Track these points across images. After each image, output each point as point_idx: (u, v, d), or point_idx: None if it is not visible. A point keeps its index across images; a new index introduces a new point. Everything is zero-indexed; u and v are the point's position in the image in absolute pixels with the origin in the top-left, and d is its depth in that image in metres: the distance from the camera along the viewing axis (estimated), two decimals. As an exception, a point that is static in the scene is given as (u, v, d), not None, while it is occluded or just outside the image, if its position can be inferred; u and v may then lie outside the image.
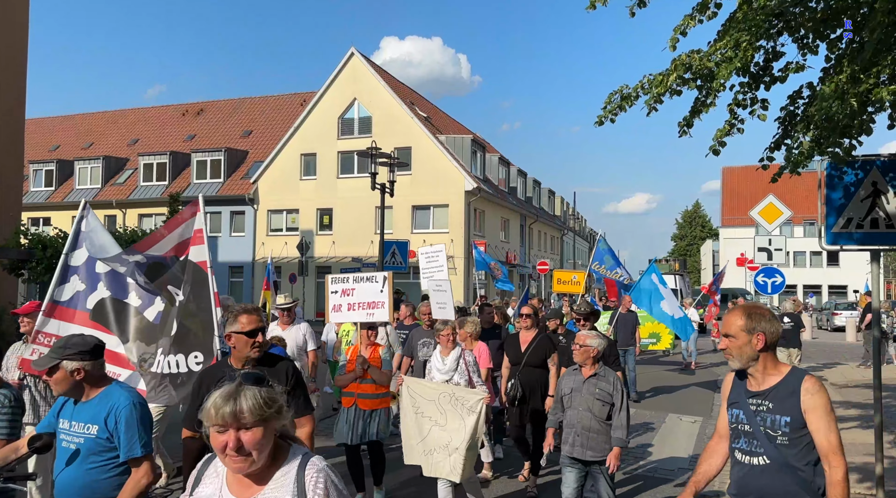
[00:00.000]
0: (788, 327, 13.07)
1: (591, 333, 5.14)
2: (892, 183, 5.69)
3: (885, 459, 6.13)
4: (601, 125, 5.39)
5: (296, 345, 7.51)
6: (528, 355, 6.67)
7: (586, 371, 5.01)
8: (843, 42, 5.03)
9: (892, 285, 52.68)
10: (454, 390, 5.48)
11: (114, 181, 37.34)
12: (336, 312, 6.38)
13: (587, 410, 4.88)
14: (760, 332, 2.87)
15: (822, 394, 2.83)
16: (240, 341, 3.50)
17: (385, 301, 6.14)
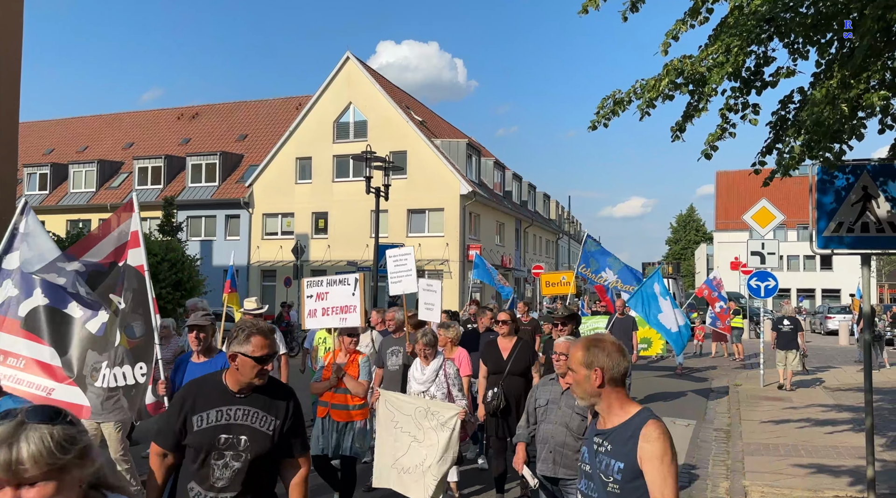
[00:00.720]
0: (787, 330, 13.58)
1: (567, 341, 4.72)
2: (882, 187, 5.74)
3: (877, 463, 6.16)
4: (594, 130, 5.42)
5: None
6: (511, 363, 6.25)
7: (565, 381, 4.55)
8: (833, 47, 5.07)
9: (885, 289, 52.99)
10: (429, 404, 5.24)
11: (108, 185, 37.24)
12: (311, 318, 6.12)
13: (563, 426, 4.43)
14: (598, 367, 2.54)
15: (660, 442, 2.45)
16: (245, 365, 3.02)
17: (357, 305, 5.88)
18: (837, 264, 53.26)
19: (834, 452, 8.04)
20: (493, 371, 6.32)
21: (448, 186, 30.44)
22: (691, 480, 7.19)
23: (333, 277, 6.15)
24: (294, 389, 3.32)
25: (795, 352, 13.44)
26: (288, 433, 3.05)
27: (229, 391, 3.05)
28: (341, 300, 5.94)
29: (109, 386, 4.63)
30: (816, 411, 10.78)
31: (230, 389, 3.05)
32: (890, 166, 5.74)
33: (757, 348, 17.00)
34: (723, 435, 9.38)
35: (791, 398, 12.16)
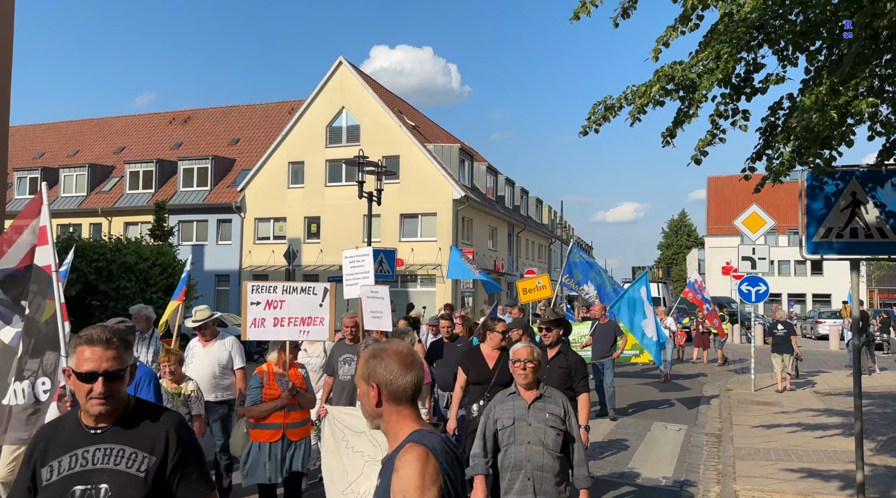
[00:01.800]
0: (781, 334, 13.94)
1: (529, 346, 4.12)
2: (871, 193, 5.78)
3: (866, 467, 6.19)
4: (585, 135, 5.45)
5: (218, 363, 6.39)
6: (498, 373, 5.49)
7: (529, 393, 3.98)
8: (822, 54, 5.12)
9: (875, 294, 53.35)
10: None
11: (99, 189, 37.06)
12: (256, 328, 5.34)
13: (539, 444, 3.83)
14: (374, 382, 2.09)
15: (408, 471, 1.89)
16: (76, 387, 2.28)
17: (325, 317, 5.39)
18: (828, 269, 53.56)
19: (824, 457, 8.08)
20: (475, 381, 5.63)
21: (441, 191, 30.46)
22: (683, 486, 7.20)
23: (292, 285, 5.53)
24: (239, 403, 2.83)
25: (790, 355, 13.82)
26: (174, 472, 2.32)
27: (83, 428, 2.32)
28: (304, 310, 5.38)
29: (11, 403, 4.11)
30: (807, 416, 10.82)
31: (84, 425, 2.32)
32: (878, 172, 5.78)
33: (748, 353, 17.05)
34: (714, 440, 9.40)
35: (782, 403, 12.21)
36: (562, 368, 5.45)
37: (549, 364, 5.40)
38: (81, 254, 15.65)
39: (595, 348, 11.25)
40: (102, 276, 15.98)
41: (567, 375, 5.41)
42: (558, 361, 5.53)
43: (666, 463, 8.16)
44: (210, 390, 6.24)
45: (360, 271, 6.94)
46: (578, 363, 5.50)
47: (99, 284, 15.28)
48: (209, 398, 6.15)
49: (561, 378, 5.35)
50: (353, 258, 7.18)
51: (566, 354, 5.57)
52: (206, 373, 6.28)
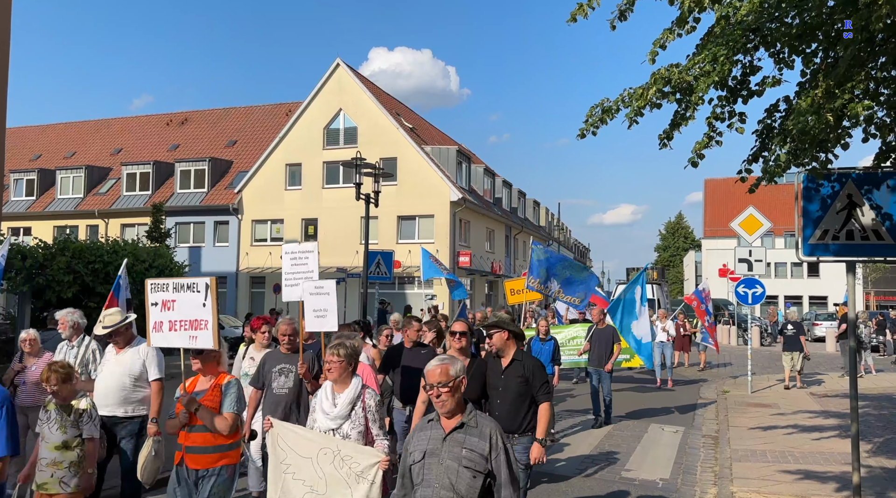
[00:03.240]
0: (791, 333, 14.77)
1: (443, 363, 3.25)
2: (866, 196, 5.80)
3: (862, 468, 6.21)
4: (583, 138, 5.45)
5: (129, 374, 5.58)
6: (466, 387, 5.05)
7: (450, 421, 3.17)
8: (818, 57, 5.14)
9: (871, 296, 53.49)
10: (340, 446, 3.94)
11: (96, 191, 37.00)
12: (157, 333, 4.74)
13: (448, 489, 3.01)
14: None
15: None
16: None
17: (208, 320, 4.54)
18: (824, 271, 53.68)
19: (821, 458, 8.09)
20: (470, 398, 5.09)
21: (438, 193, 30.47)
22: (679, 487, 7.21)
23: (181, 281, 4.82)
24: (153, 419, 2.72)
25: (799, 353, 14.50)
26: None
27: None
28: (190, 312, 4.62)
29: None
30: (803, 418, 10.84)
31: None
32: (874, 175, 5.80)
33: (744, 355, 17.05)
34: (711, 441, 9.42)
35: (778, 404, 12.23)
36: (519, 377, 4.93)
37: (504, 374, 4.95)
38: (78, 255, 15.62)
39: (593, 354, 10.91)
40: (99, 278, 15.95)
41: (525, 385, 4.91)
42: (514, 369, 4.98)
43: (663, 465, 8.17)
44: (119, 404, 5.51)
45: (302, 270, 6.03)
46: (536, 369, 4.98)
47: (96, 286, 15.26)
48: (117, 413, 5.49)
49: (519, 389, 4.90)
50: (294, 255, 6.14)
51: (522, 361, 5.01)
52: (114, 384, 5.54)
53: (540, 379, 4.94)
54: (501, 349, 5.04)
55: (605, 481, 7.33)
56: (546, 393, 4.94)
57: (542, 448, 4.82)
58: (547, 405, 4.90)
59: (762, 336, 28.42)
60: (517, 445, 4.84)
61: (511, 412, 4.91)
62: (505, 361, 5.04)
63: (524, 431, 4.92)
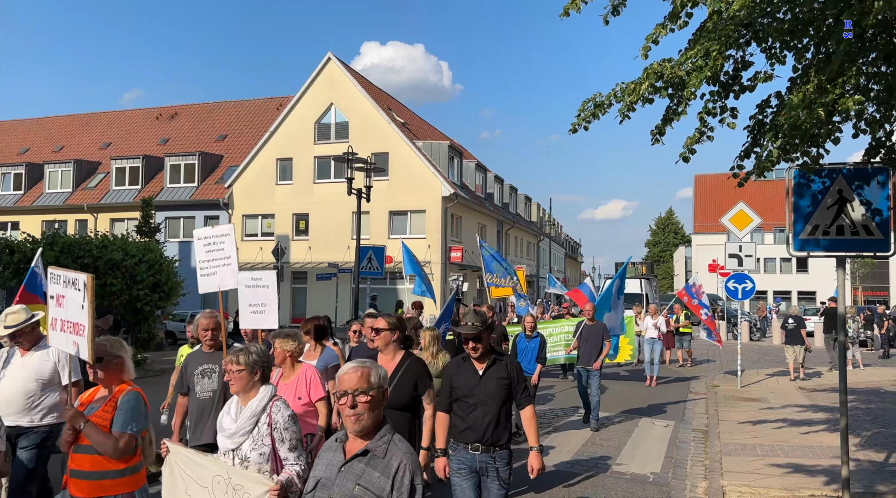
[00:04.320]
0: (792, 327, 15.31)
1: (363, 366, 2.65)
2: (857, 191, 5.84)
3: (851, 462, 6.26)
4: (575, 133, 5.45)
5: (36, 378, 4.97)
6: (391, 391, 4.13)
7: (355, 443, 2.61)
8: (810, 52, 5.15)
9: (860, 291, 53.96)
10: (231, 473, 3.35)
11: (85, 185, 36.71)
12: (54, 331, 4.05)
13: None
14: None
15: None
16: None
17: (85, 325, 3.75)
18: (813, 267, 54.11)
19: (810, 452, 8.15)
20: None
21: (430, 188, 30.44)
22: (670, 481, 7.25)
23: (70, 275, 3.98)
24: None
25: (801, 346, 15.09)
26: None
27: None
28: (74, 313, 3.86)
29: None
30: (793, 412, 10.92)
31: None
32: (864, 170, 5.84)
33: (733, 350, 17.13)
34: (701, 435, 9.47)
35: (768, 399, 12.32)
36: (501, 379, 4.35)
37: (483, 379, 4.35)
38: (67, 250, 15.50)
39: (583, 352, 10.31)
40: (88, 272, 15.88)
41: (507, 388, 4.35)
42: (495, 371, 4.39)
43: (653, 459, 8.21)
44: (23, 412, 4.91)
45: (219, 257, 5.20)
46: (517, 370, 4.47)
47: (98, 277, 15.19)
48: (21, 422, 4.89)
49: (500, 393, 4.34)
50: (208, 240, 5.26)
51: (503, 362, 4.43)
52: (18, 390, 4.92)
53: (521, 380, 4.48)
54: (483, 351, 4.39)
55: (595, 475, 7.36)
56: (527, 396, 4.44)
57: (541, 456, 4.33)
58: (531, 410, 4.43)
59: (751, 331, 28.61)
60: (500, 462, 4.27)
61: (494, 423, 4.27)
62: (482, 365, 4.38)
63: (506, 444, 4.32)
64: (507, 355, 4.62)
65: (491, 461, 4.26)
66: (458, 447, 4.33)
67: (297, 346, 4.93)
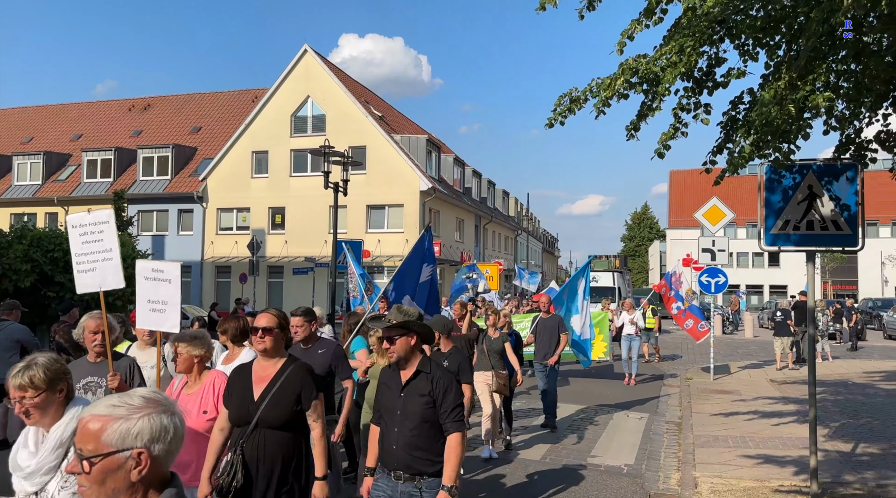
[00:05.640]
0: (780, 320, 15.92)
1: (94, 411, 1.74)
2: (826, 187, 5.94)
3: (819, 452, 6.38)
4: (551, 127, 5.46)
5: None
6: (266, 406, 3.64)
7: None
8: (781, 50, 5.23)
9: (829, 285, 55.05)
10: None
11: (55, 177, 35.98)
12: None
13: None
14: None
15: None
16: None
17: None
18: (784, 261, 55.06)
19: (780, 443, 8.31)
20: (235, 420, 3.70)
21: (408, 182, 30.36)
22: (644, 472, 7.34)
23: None
24: None
25: (789, 337, 15.85)
26: None
27: None
28: None
29: None
30: (764, 404, 11.12)
31: None
32: (833, 166, 5.94)
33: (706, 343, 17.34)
34: (674, 427, 9.60)
35: (740, 391, 12.52)
36: (422, 397, 3.58)
37: (404, 392, 3.62)
38: (37, 244, 15.19)
39: (538, 346, 9.55)
40: (59, 266, 15.54)
41: (431, 407, 3.56)
42: (417, 385, 3.61)
43: (628, 451, 8.30)
44: None
45: (97, 250, 4.45)
46: (448, 385, 3.62)
47: (55, 274, 14.87)
48: None
49: (422, 413, 3.55)
50: (83, 228, 4.47)
51: (430, 373, 3.64)
52: None
53: (453, 400, 3.59)
54: (405, 355, 3.67)
55: (570, 467, 7.42)
56: (456, 420, 3.56)
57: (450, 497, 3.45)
58: (458, 437, 3.53)
59: (724, 325, 29.03)
60: (428, 493, 3.52)
61: (414, 446, 3.54)
62: (406, 374, 3.66)
63: (436, 472, 3.53)
64: (439, 366, 3.80)
65: (416, 493, 3.51)
66: (382, 473, 3.66)
67: (206, 351, 4.18)
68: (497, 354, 7.95)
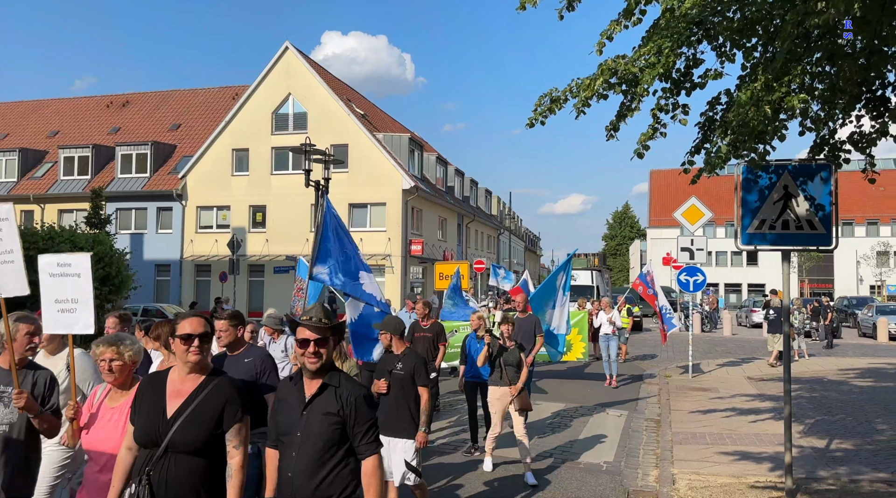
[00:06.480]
0: (773, 318, 16.17)
1: None
2: (801, 187, 6.03)
3: (794, 448, 6.49)
4: (532, 127, 5.49)
5: None
6: (180, 425, 3.01)
7: None
8: (758, 51, 5.30)
9: (806, 283, 55.90)
10: None
11: (31, 175, 35.41)
12: None
13: None
14: None
15: None
16: None
17: None
18: (762, 260, 55.85)
19: (756, 440, 8.42)
20: (141, 441, 3.07)
21: (390, 181, 30.30)
22: (623, 469, 7.40)
23: None
24: None
25: (781, 335, 15.80)
26: None
27: None
28: None
29: None
30: (741, 401, 11.27)
31: None
32: (808, 167, 6.04)
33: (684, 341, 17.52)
34: (653, 425, 9.69)
35: (717, 388, 12.67)
36: (329, 416, 3.02)
37: (307, 410, 3.05)
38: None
39: None
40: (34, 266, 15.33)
41: (339, 428, 3.02)
42: (323, 402, 3.06)
43: (607, 448, 8.37)
44: None
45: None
46: (360, 401, 3.08)
47: (30, 273, 14.66)
48: None
49: (328, 435, 3.01)
50: None
51: (338, 387, 3.09)
52: None
53: (366, 417, 3.07)
54: (321, 366, 3.09)
55: (550, 465, 7.46)
56: (372, 441, 3.06)
57: None
58: (375, 462, 3.04)
59: (703, 323, 29.34)
60: None
61: (314, 473, 2.99)
62: (311, 388, 3.10)
63: None
64: (348, 378, 3.19)
65: None
66: None
67: (132, 354, 3.58)
68: (514, 368, 7.14)
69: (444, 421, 9.76)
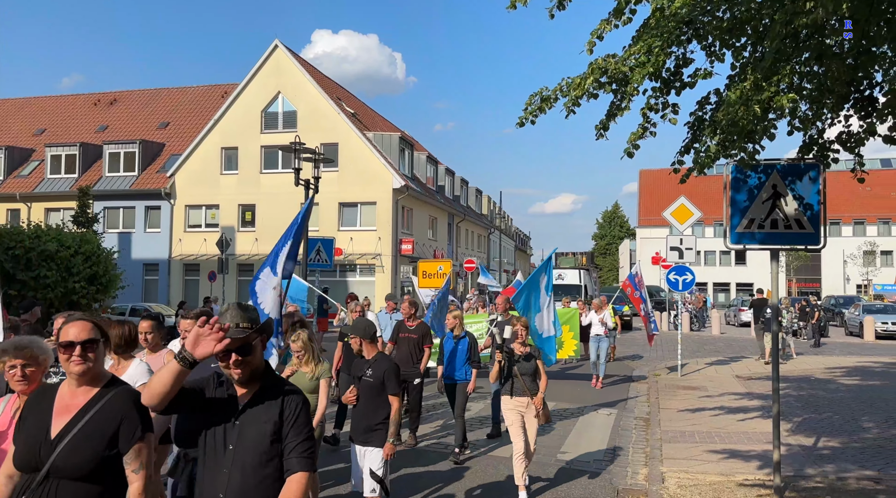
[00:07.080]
0: (768, 317, 15.47)
1: None
2: (790, 186, 6.06)
3: (783, 447, 6.52)
4: (522, 126, 5.48)
5: None
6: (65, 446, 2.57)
7: None
8: (747, 51, 5.32)
9: (794, 283, 56.32)
10: None
11: (17, 173, 35.07)
12: None
13: None
14: None
15: None
16: None
17: None
18: (750, 260, 56.22)
19: (745, 438, 8.47)
20: (20, 464, 2.62)
21: (380, 180, 30.24)
22: (612, 468, 7.41)
23: None
24: None
25: None
26: None
27: None
28: None
29: None
30: (729, 400, 11.32)
31: None
32: (797, 166, 6.07)
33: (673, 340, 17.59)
34: (642, 423, 9.72)
35: (706, 387, 12.73)
36: (266, 425, 2.61)
37: (239, 420, 2.63)
38: (-4, 241, 14.81)
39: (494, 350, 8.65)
40: (20, 264, 15.17)
41: (274, 439, 2.59)
42: (260, 410, 2.64)
43: (596, 446, 8.38)
44: None
45: None
46: (300, 408, 2.67)
47: (16, 272, 14.52)
48: None
49: (262, 447, 2.59)
50: None
51: (275, 396, 2.67)
52: None
53: (303, 427, 2.65)
54: (249, 376, 2.65)
55: (540, 463, 7.45)
56: (306, 455, 2.61)
57: None
58: (302, 479, 2.56)
59: (691, 321, 29.48)
60: None
61: (246, 488, 2.58)
62: (245, 394, 2.68)
63: None
64: (287, 383, 2.80)
65: None
66: None
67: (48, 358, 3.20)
68: (530, 377, 6.52)
69: (429, 425, 9.60)
